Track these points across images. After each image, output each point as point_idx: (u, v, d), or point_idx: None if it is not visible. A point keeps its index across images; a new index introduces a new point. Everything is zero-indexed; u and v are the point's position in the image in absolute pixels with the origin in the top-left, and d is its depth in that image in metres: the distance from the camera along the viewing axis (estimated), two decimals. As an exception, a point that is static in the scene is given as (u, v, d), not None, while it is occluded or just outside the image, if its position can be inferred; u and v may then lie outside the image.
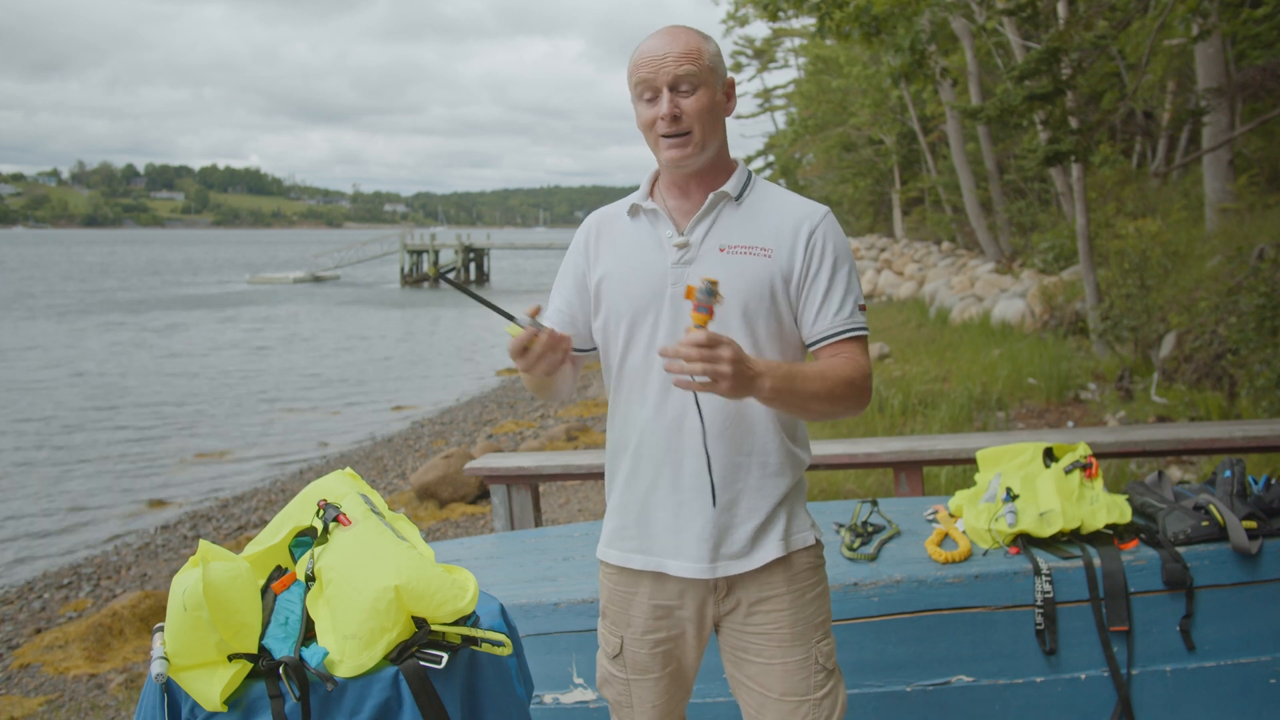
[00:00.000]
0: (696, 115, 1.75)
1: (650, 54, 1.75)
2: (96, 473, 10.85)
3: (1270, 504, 2.49)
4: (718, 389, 1.56)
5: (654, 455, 1.82)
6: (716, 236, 1.81)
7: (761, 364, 1.63)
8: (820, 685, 1.84)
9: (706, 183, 1.83)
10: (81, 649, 5.54)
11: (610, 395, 1.92)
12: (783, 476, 1.83)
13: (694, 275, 1.78)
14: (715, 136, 1.80)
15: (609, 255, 1.89)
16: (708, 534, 1.80)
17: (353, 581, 1.62)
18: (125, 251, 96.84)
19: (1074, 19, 9.12)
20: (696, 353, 1.53)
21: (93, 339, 23.86)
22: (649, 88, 1.76)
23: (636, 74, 1.77)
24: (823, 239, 1.80)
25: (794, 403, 1.69)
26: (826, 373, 1.72)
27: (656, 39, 1.77)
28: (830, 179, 36.84)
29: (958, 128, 20.15)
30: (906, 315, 17.77)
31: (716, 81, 1.78)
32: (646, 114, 1.78)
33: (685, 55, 1.73)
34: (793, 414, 1.78)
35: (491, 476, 4.29)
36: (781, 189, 1.89)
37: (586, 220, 1.99)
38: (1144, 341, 9.22)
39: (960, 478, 5.83)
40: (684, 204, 1.85)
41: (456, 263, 44.46)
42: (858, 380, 1.75)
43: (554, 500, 7.94)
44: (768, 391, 1.63)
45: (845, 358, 1.78)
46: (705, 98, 1.75)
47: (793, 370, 1.68)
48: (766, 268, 1.78)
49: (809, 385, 1.68)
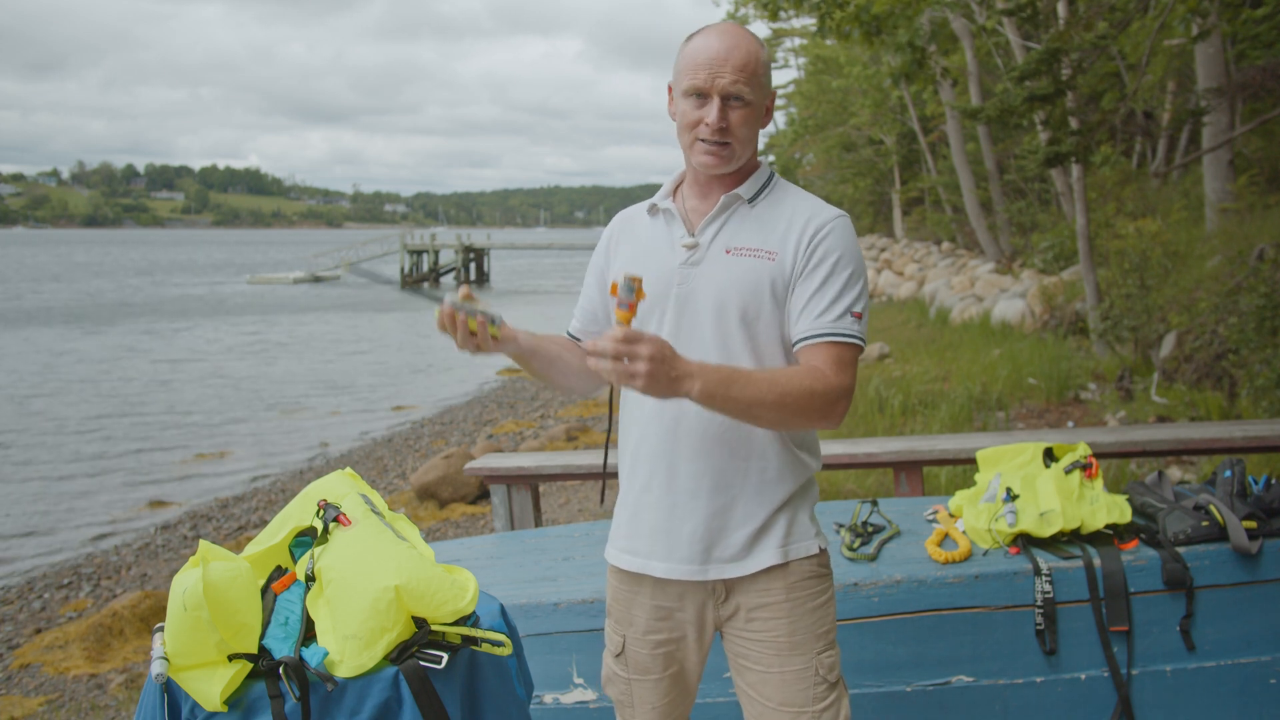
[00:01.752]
0: (740, 129, 1.74)
1: (709, 57, 1.72)
2: (97, 473, 10.85)
3: (1270, 504, 2.49)
4: (634, 385, 1.54)
5: (650, 456, 1.82)
6: (725, 238, 1.80)
7: (694, 365, 1.58)
8: (821, 698, 1.80)
9: (728, 185, 1.83)
10: (81, 649, 5.54)
11: (622, 394, 1.93)
12: (783, 483, 1.81)
13: (699, 276, 1.78)
14: (751, 147, 1.80)
15: (626, 254, 1.90)
16: (699, 535, 1.79)
17: (353, 581, 1.62)
18: (119, 252, 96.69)
19: (1074, 19, 9.12)
20: (613, 348, 1.51)
21: (91, 342, 23.85)
22: (701, 91, 1.73)
23: (692, 76, 1.73)
24: (824, 239, 1.75)
25: (733, 408, 1.62)
26: (779, 380, 1.63)
27: (716, 39, 1.73)
28: (830, 179, 36.83)
29: (958, 128, 20.16)
30: (906, 315, 17.77)
31: (764, 96, 1.77)
32: (691, 115, 1.75)
33: (743, 69, 1.71)
34: (738, 420, 1.69)
35: (491, 476, 4.29)
36: (803, 192, 1.86)
37: (613, 219, 2.03)
38: (1144, 341, 9.23)
39: (960, 478, 5.83)
40: (701, 205, 1.84)
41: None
42: (820, 391, 1.65)
43: (554, 500, 7.94)
44: (698, 394, 1.58)
45: (814, 367, 1.69)
46: (752, 115, 1.75)
47: (733, 375, 1.61)
48: (768, 270, 1.76)
49: (751, 391, 1.60)
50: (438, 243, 47.65)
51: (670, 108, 1.83)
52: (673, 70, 1.81)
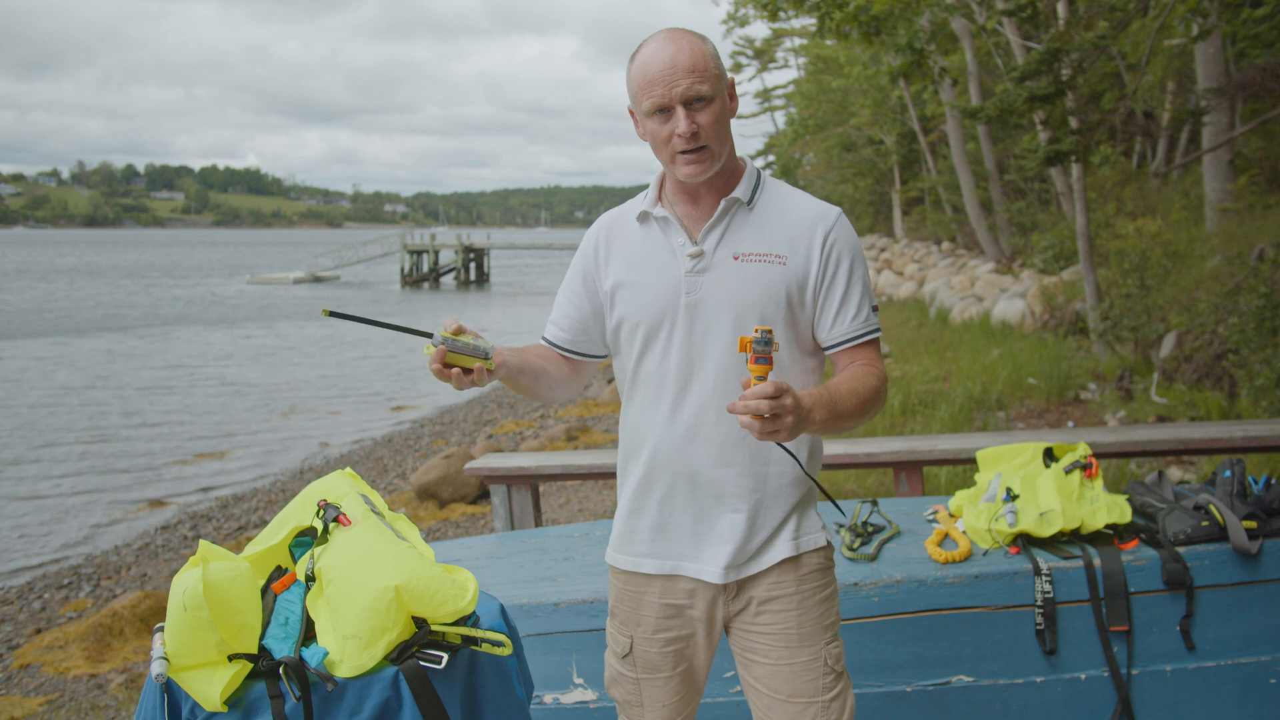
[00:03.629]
0: (712, 128, 1.72)
1: (659, 71, 1.70)
2: (96, 473, 10.85)
3: (1270, 504, 2.49)
4: (779, 437, 1.54)
5: (668, 464, 1.82)
6: (730, 244, 1.79)
7: (809, 398, 1.61)
8: (829, 688, 1.83)
9: (717, 187, 1.81)
10: (81, 649, 5.54)
11: (624, 399, 1.92)
12: (799, 484, 1.84)
13: (708, 284, 1.77)
14: (727, 143, 1.78)
15: (621, 263, 1.87)
16: (726, 538, 1.81)
17: (353, 581, 1.62)
18: (117, 254, 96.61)
19: (1074, 19, 9.12)
20: (768, 405, 1.51)
21: (91, 344, 23.85)
22: (662, 106, 1.71)
23: (649, 95, 1.71)
24: (837, 242, 1.79)
25: (836, 427, 1.69)
26: (858, 388, 1.73)
27: (659, 50, 1.71)
28: (830, 179, 36.84)
29: (958, 128, 20.15)
30: (906, 315, 17.77)
31: (723, 87, 1.76)
32: (662, 132, 1.73)
33: (693, 69, 1.69)
34: (832, 435, 1.80)
35: (491, 476, 4.29)
36: (791, 188, 1.87)
37: (595, 225, 1.96)
38: (1144, 341, 9.23)
39: (960, 478, 5.83)
40: (694, 210, 1.83)
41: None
42: (882, 388, 1.78)
43: (554, 500, 7.94)
44: (818, 425, 1.62)
45: (865, 364, 1.79)
46: (718, 107, 1.73)
47: (833, 396, 1.67)
48: (782, 275, 1.77)
49: (847, 404, 1.69)
50: (438, 243, 47.66)
51: (638, 130, 1.80)
52: (628, 94, 1.78)
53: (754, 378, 1.54)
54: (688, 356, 1.78)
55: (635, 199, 1.92)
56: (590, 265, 1.91)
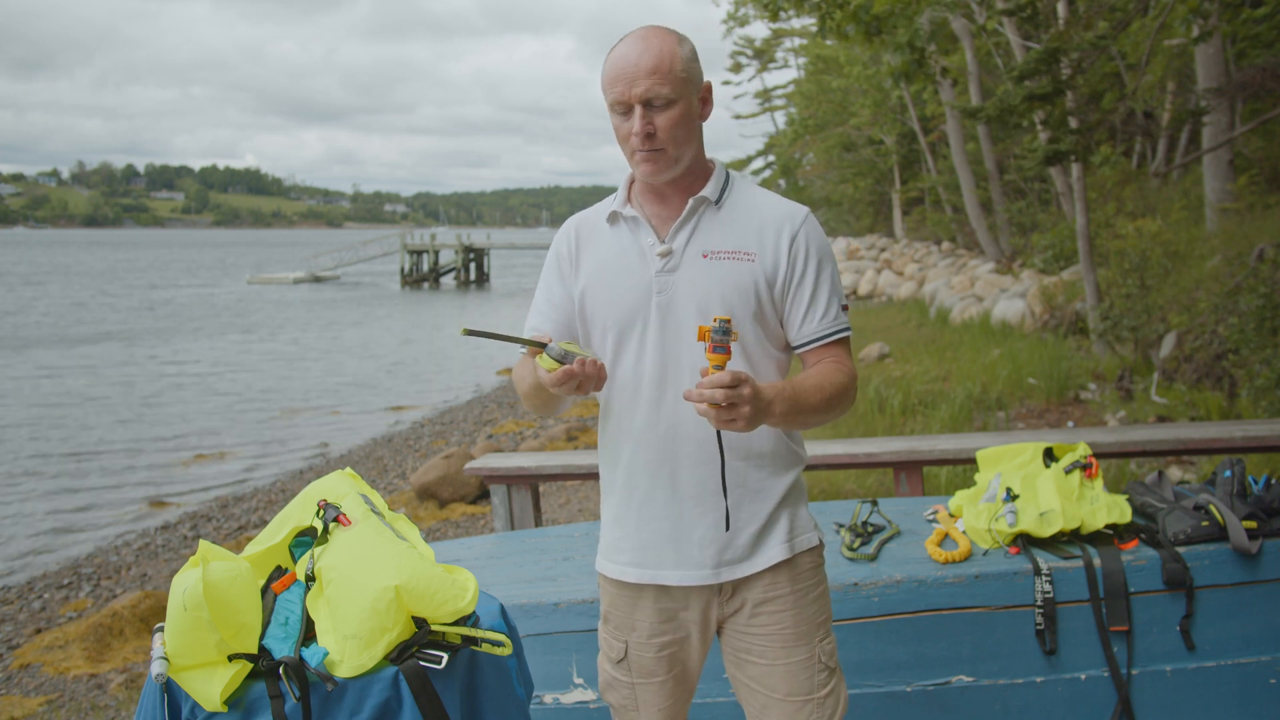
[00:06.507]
0: (669, 131, 1.71)
1: (622, 68, 1.70)
2: (97, 473, 10.85)
3: (1270, 504, 2.49)
4: (735, 426, 1.57)
5: (649, 466, 1.81)
6: (699, 243, 1.79)
7: (770, 390, 1.63)
8: (823, 684, 1.84)
9: (684, 187, 1.81)
10: (81, 649, 5.54)
11: (601, 405, 1.90)
12: (781, 477, 1.83)
13: (678, 283, 1.77)
14: (690, 146, 1.77)
15: (590, 265, 1.86)
16: (709, 540, 1.80)
17: (353, 581, 1.62)
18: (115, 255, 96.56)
19: (1074, 19, 9.13)
20: (723, 394, 1.53)
21: (89, 347, 23.85)
22: (621, 103, 1.72)
23: (611, 90, 1.72)
24: (806, 241, 1.79)
25: (797, 421, 1.70)
26: (824, 384, 1.73)
27: (628, 48, 1.71)
28: (830, 179, 36.88)
29: (958, 128, 20.17)
30: (906, 315, 17.77)
31: (691, 91, 1.74)
32: (622, 128, 1.74)
33: (655, 71, 1.68)
34: (793, 429, 1.81)
35: (491, 476, 4.29)
36: (759, 188, 1.88)
37: (564, 226, 1.94)
38: (1144, 341, 9.23)
39: (960, 478, 5.83)
40: (663, 210, 1.82)
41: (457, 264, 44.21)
42: (850, 385, 1.78)
43: (554, 500, 7.94)
44: (778, 417, 1.64)
45: (834, 362, 1.80)
46: (679, 111, 1.72)
47: (796, 390, 1.68)
48: (750, 272, 1.77)
49: (810, 400, 1.70)
50: (438, 243, 47.67)
51: (614, 129, 1.80)
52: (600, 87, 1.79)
53: (711, 366, 1.56)
54: (662, 356, 1.78)
55: (605, 200, 1.91)
56: (566, 267, 1.89)
